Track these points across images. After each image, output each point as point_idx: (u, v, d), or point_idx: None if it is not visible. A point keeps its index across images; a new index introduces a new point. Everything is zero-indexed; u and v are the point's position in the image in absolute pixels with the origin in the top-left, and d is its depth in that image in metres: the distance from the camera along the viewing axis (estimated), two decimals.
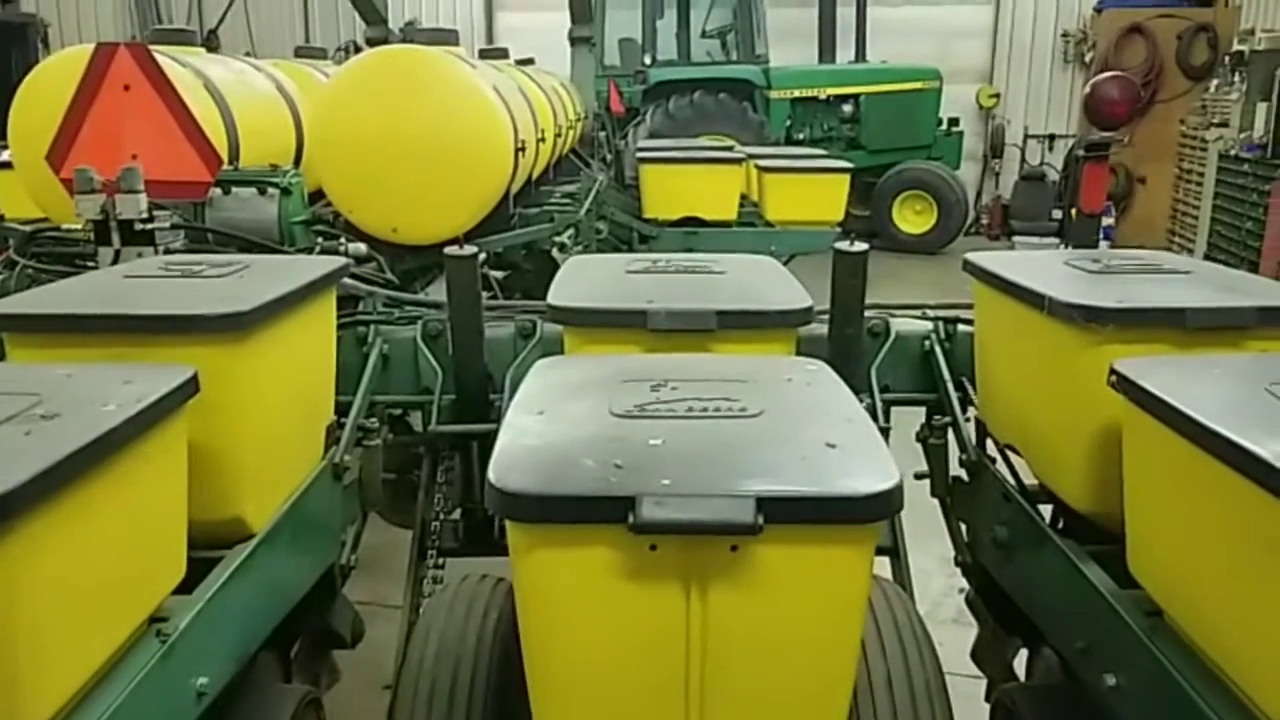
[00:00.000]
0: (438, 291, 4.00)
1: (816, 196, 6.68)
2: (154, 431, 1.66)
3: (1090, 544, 2.12)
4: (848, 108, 13.45)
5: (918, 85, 13.41)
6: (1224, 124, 11.08)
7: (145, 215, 2.96)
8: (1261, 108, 9.89)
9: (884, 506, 1.44)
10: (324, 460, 2.57)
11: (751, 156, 7.22)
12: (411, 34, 5.12)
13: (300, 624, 2.54)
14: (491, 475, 1.48)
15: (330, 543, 2.64)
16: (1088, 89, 9.84)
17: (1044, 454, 2.34)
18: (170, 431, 1.74)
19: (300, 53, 7.77)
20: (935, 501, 2.96)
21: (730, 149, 7.68)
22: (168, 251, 3.00)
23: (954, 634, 3.52)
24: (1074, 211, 9.32)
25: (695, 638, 1.49)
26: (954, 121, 13.96)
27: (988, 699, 2.68)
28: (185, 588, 1.87)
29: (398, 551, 3.24)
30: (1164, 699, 1.69)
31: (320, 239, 3.88)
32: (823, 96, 13.35)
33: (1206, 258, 10.50)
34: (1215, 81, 12.30)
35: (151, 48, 3.44)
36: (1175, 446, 1.61)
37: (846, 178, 6.84)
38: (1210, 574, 1.61)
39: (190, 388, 1.77)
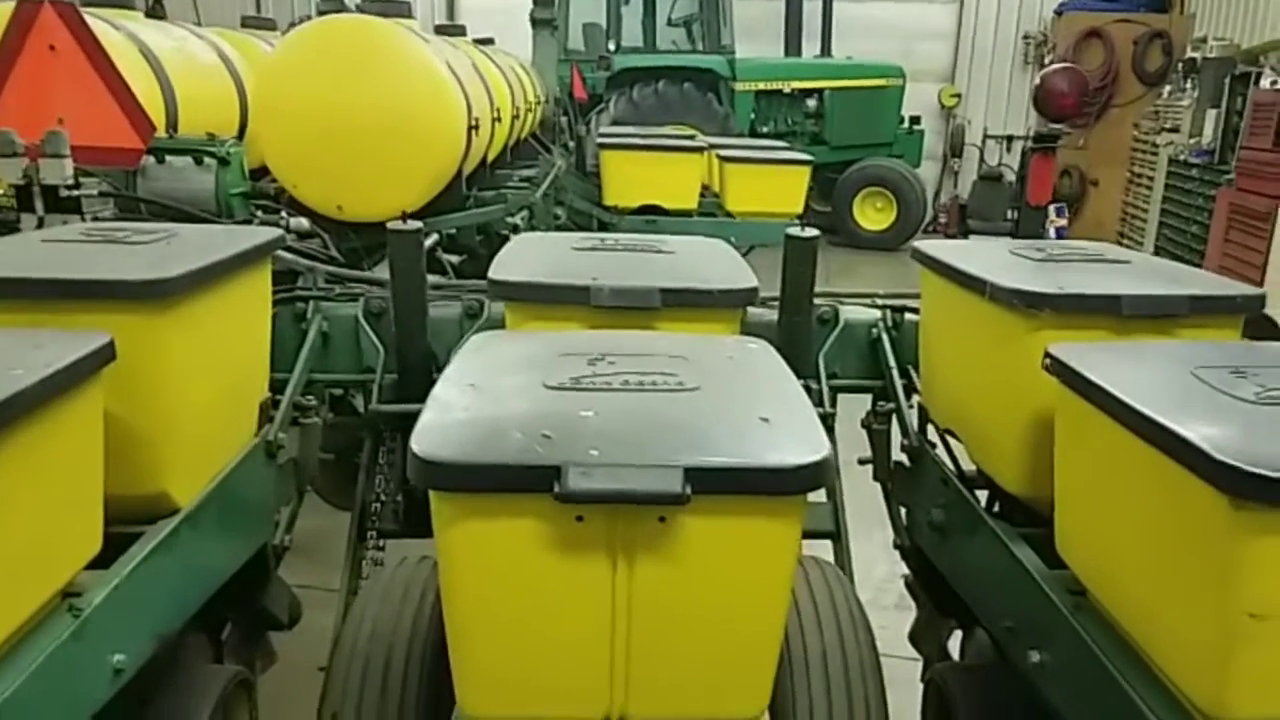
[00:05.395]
0: (385, 270, 3.94)
1: (777, 188, 6.69)
2: (64, 399, 1.60)
3: (1024, 527, 2.13)
4: (812, 102, 13.51)
5: (881, 82, 13.50)
6: (1175, 129, 11.25)
7: (71, 182, 2.86)
8: (1211, 114, 10.07)
9: (811, 478, 1.43)
10: (257, 438, 2.51)
11: (713, 146, 7.22)
12: (363, 6, 5.03)
13: (232, 605, 2.48)
14: (414, 444, 1.45)
15: (263, 522, 2.58)
16: (1037, 80, 9.94)
17: (981, 438, 2.36)
18: (83, 399, 1.67)
19: (247, 23, 7.57)
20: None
21: (693, 138, 7.68)
22: (95, 220, 2.91)
23: (897, 618, 3.53)
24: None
25: (621, 609, 1.47)
26: (915, 120, 14.07)
27: (924, 679, 2.70)
28: (105, 563, 1.81)
29: (340, 535, 3.19)
30: (1086, 675, 1.72)
31: (260, 212, 3.80)
32: (787, 90, 13.39)
33: None
34: (1168, 88, 12.51)
35: (84, 10, 3.33)
36: (1103, 428, 1.63)
37: (807, 170, 6.87)
38: (1131, 553, 1.64)
39: (105, 354, 1.71)
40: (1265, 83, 8.62)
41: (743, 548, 1.47)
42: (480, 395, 1.65)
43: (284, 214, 3.72)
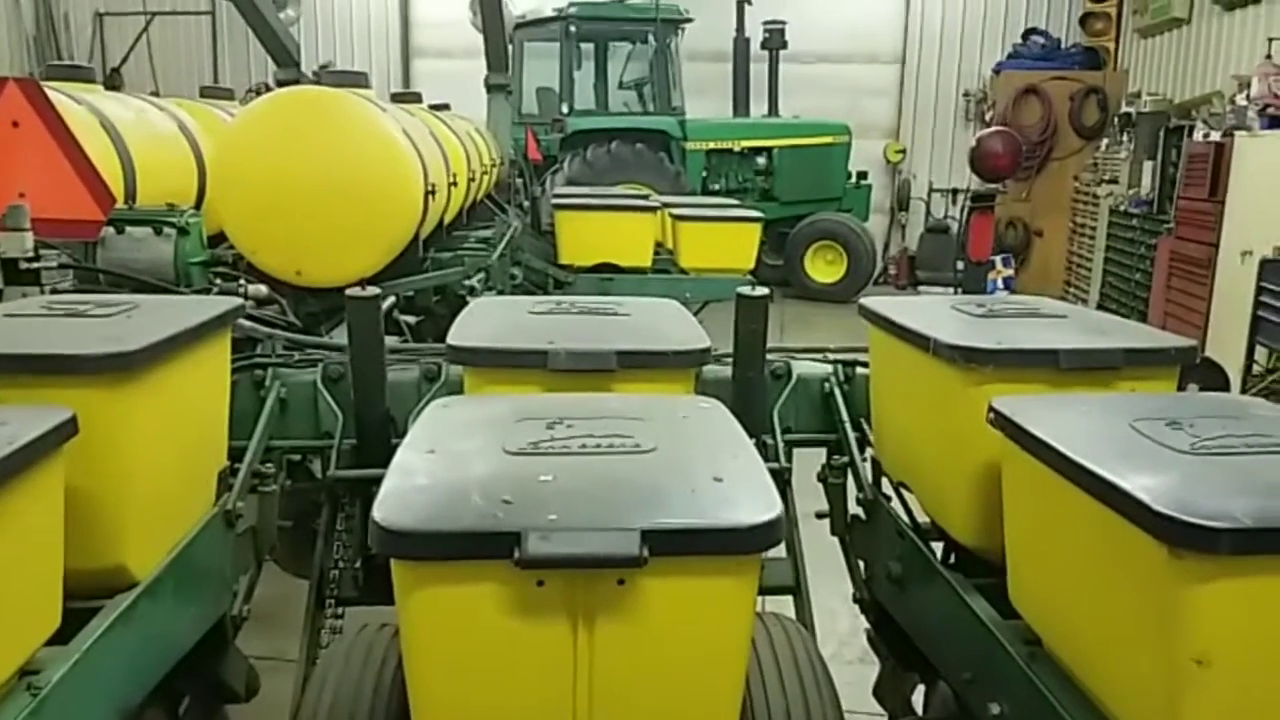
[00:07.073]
0: (343, 335, 3.95)
1: (729, 245, 6.82)
2: (26, 475, 1.60)
3: (979, 578, 2.17)
4: (761, 160, 13.80)
5: (828, 139, 13.84)
6: (1114, 181, 11.66)
7: (31, 254, 2.86)
8: (1148, 166, 10.45)
9: (765, 537, 1.47)
10: (215, 507, 2.50)
11: (666, 205, 7.35)
12: (321, 76, 5.11)
13: (190, 677, 2.44)
14: (376, 512, 1.47)
15: (221, 592, 2.56)
16: (973, 143, 10.33)
17: (932, 490, 2.41)
18: (45, 475, 1.67)
19: (206, 93, 7.67)
20: None
21: (646, 197, 7.80)
22: (54, 292, 2.91)
23: (860, 673, 3.53)
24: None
25: (583, 672, 1.49)
26: (863, 175, 14.43)
27: None
28: (63, 639, 1.79)
29: (297, 603, 3.14)
30: None
31: (219, 280, 3.81)
32: (737, 149, 13.69)
33: (1100, 307, 10.97)
34: (1105, 141, 12.97)
35: (45, 84, 3.37)
36: (1047, 480, 1.68)
37: (758, 227, 7.01)
38: (1080, 603, 1.68)
39: (67, 429, 1.71)
40: (1198, 135, 8.96)
41: (701, 607, 1.49)
42: (440, 461, 1.68)
43: (242, 281, 3.74)
